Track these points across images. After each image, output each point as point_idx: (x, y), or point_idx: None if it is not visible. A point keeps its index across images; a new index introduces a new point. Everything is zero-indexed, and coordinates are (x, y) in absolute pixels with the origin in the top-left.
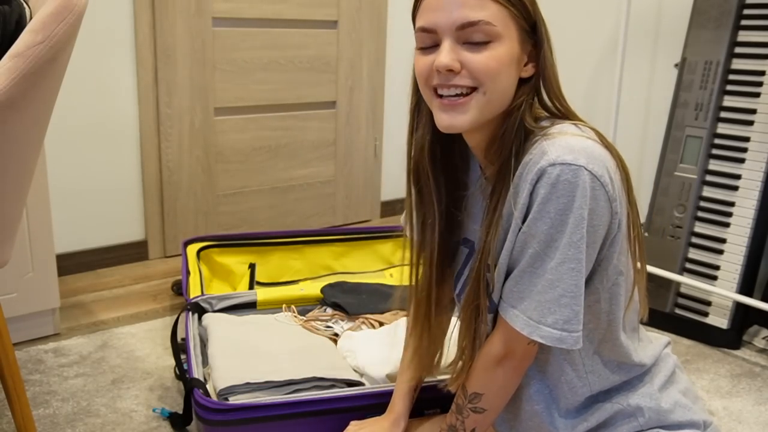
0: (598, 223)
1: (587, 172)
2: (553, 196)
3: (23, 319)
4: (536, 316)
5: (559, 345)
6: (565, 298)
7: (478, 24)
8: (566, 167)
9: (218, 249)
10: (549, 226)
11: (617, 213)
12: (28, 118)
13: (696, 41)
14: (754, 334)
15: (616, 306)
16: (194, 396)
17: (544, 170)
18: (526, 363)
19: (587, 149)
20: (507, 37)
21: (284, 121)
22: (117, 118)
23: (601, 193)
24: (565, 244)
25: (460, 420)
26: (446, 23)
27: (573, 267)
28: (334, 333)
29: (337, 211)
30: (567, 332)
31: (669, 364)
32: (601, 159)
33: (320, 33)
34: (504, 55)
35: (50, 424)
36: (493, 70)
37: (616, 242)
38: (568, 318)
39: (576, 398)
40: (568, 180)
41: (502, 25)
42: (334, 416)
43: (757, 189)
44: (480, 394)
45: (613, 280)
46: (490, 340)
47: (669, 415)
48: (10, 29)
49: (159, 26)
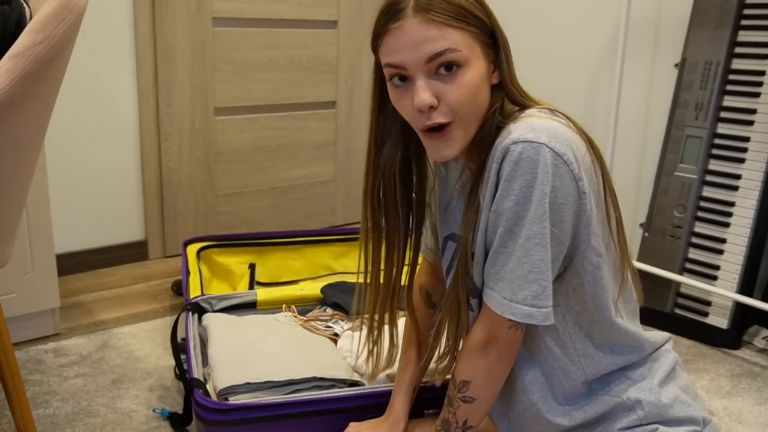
0: (563, 201)
1: (548, 149)
2: (516, 173)
3: (23, 319)
4: (509, 294)
5: (529, 321)
6: (533, 273)
7: (445, 53)
8: (528, 144)
9: (218, 249)
10: (514, 203)
11: (585, 193)
12: (28, 118)
13: (696, 41)
14: (754, 334)
15: (600, 289)
16: (194, 396)
17: (507, 148)
18: (512, 348)
19: (550, 128)
20: (473, 58)
21: (284, 121)
22: (117, 118)
23: (565, 171)
24: (529, 220)
25: (452, 412)
26: (414, 60)
27: (538, 242)
28: (334, 333)
29: (337, 211)
30: (536, 308)
31: (670, 360)
32: (565, 138)
33: (320, 33)
34: (475, 78)
35: (50, 424)
36: (467, 98)
37: (590, 223)
38: (536, 293)
39: (571, 384)
40: (529, 157)
41: (466, 48)
42: (334, 416)
43: (757, 189)
44: (468, 382)
45: (594, 262)
46: (474, 326)
47: (668, 410)
48: (10, 29)
49: (159, 26)
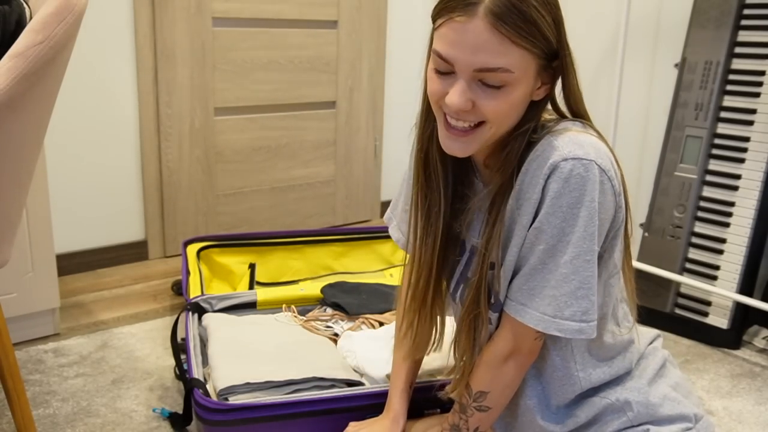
0: (604, 217)
1: (597, 166)
2: (565, 190)
3: (23, 319)
4: (551, 311)
5: (579, 336)
6: (582, 290)
7: (497, 71)
8: (578, 162)
9: (218, 249)
10: (561, 220)
11: (621, 207)
12: (28, 118)
13: (696, 41)
14: (754, 334)
15: (608, 299)
16: (194, 396)
17: (556, 165)
18: (531, 359)
19: (594, 144)
20: (523, 78)
21: (284, 121)
22: (117, 118)
23: (608, 187)
24: (578, 237)
25: (464, 419)
26: (464, 63)
27: (588, 259)
28: (334, 333)
29: (337, 211)
30: (585, 323)
31: (658, 358)
32: (607, 154)
33: (320, 33)
34: (517, 98)
35: (50, 424)
36: (503, 113)
37: (618, 235)
38: (585, 309)
39: (566, 395)
40: (580, 174)
41: (520, 69)
42: (334, 416)
43: (757, 189)
44: (485, 393)
45: (610, 272)
46: (495, 338)
47: (658, 408)
48: (10, 29)
49: (159, 26)
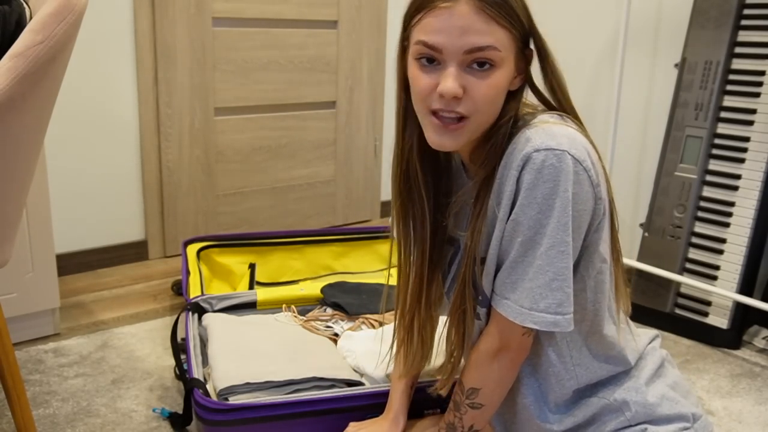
0: (582, 208)
1: (570, 156)
2: (539, 181)
3: (23, 319)
4: (528, 303)
5: (553, 329)
6: (556, 281)
7: (486, 49)
8: (550, 152)
9: (218, 249)
10: (537, 212)
11: (601, 198)
12: (28, 118)
13: (696, 41)
14: (754, 334)
15: (601, 295)
16: (194, 396)
17: (529, 156)
18: (522, 355)
19: (569, 135)
20: (507, 61)
21: (284, 121)
22: (117, 118)
23: (584, 177)
24: (552, 228)
25: (458, 417)
26: (453, 47)
27: (562, 250)
28: (334, 333)
29: (337, 211)
30: (560, 315)
31: (656, 358)
32: (582, 144)
33: (320, 33)
34: (502, 80)
35: (50, 424)
36: (491, 98)
37: (601, 228)
38: (560, 301)
39: (563, 392)
40: (552, 164)
41: (505, 49)
42: (334, 416)
43: (757, 189)
44: (477, 389)
45: (597, 268)
46: (484, 334)
47: (656, 408)
48: (10, 29)
49: (159, 26)
